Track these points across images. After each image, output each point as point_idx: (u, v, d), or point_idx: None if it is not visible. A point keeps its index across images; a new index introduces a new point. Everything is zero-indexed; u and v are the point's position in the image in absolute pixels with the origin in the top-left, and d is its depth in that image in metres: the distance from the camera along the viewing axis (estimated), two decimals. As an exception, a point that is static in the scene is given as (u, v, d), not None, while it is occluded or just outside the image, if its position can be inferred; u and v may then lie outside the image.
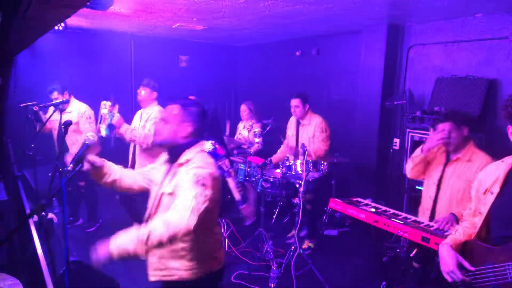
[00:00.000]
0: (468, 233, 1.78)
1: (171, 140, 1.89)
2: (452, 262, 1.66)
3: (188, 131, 1.88)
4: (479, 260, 1.64)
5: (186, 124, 1.89)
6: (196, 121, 1.90)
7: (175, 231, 1.61)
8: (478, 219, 1.74)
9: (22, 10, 1.51)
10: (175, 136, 1.88)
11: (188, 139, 1.89)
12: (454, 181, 2.73)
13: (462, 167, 2.72)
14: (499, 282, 1.53)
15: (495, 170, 1.72)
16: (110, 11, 4.13)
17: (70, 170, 1.91)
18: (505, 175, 1.65)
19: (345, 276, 3.76)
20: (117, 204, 5.35)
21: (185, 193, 1.70)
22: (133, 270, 3.79)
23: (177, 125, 1.88)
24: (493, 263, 1.57)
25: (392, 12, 4.06)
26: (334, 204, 3.03)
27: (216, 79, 7.45)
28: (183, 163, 1.84)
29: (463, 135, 2.72)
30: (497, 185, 1.66)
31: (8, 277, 1.76)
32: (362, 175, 5.13)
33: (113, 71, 6.22)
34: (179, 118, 1.89)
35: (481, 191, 1.74)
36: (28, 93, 5.52)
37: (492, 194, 1.67)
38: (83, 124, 4.39)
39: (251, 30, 5.56)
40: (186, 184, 1.74)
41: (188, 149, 1.88)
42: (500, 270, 1.53)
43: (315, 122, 4.23)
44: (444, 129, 2.72)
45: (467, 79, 4.03)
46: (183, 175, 1.78)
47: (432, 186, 2.88)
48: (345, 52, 5.54)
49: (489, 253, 1.61)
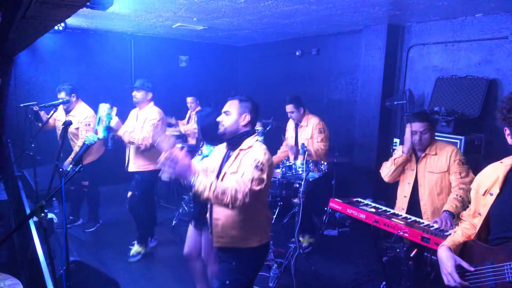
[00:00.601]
0: (467, 234, 1.78)
1: (234, 129, 2.25)
2: (450, 264, 1.66)
3: (247, 120, 2.25)
4: (478, 260, 1.64)
5: (245, 114, 2.25)
6: (252, 112, 2.27)
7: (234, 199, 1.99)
8: (478, 220, 1.73)
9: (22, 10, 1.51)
10: (237, 125, 2.25)
11: (247, 127, 2.26)
12: (428, 176, 2.91)
13: (431, 161, 2.90)
14: (498, 282, 1.53)
15: (494, 171, 1.71)
16: (110, 11, 4.13)
17: (70, 171, 1.91)
18: (504, 176, 1.65)
19: (345, 276, 3.76)
20: (117, 204, 5.37)
21: (246, 175, 2.06)
22: (133, 270, 3.80)
23: (237, 116, 2.24)
24: (492, 263, 1.57)
25: (392, 12, 4.06)
26: (334, 204, 3.03)
27: (216, 79, 7.46)
28: (244, 148, 2.20)
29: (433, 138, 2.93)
30: (496, 186, 1.65)
31: (8, 277, 1.76)
32: (362, 175, 5.13)
33: (113, 71, 6.23)
34: (238, 110, 2.25)
35: (481, 192, 1.73)
36: (28, 93, 5.54)
37: (491, 195, 1.66)
38: (81, 131, 4.40)
39: (251, 30, 5.57)
40: (248, 167, 2.09)
41: (248, 137, 2.25)
42: (498, 270, 1.53)
43: (312, 123, 4.24)
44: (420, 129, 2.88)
45: (467, 79, 4.03)
46: (246, 158, 2.14)
47: (406, 186, 3.03)
48: (345, 52, 5.54)
49: (488, 253, 1.61)
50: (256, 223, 2.27)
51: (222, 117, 2.30)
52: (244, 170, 2.09)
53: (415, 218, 2.73)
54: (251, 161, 2.10)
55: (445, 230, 2.40)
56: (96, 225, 4.81)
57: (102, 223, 4.89)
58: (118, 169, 4.35)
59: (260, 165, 2.08)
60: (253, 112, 2.27)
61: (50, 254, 1.68)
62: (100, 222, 4.87)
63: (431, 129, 2.92)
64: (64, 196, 1.86)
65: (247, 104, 2.27)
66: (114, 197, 5.59)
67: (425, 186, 2.92)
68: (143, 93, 3.88)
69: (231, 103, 2.29)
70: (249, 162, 2.11)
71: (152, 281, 3.61)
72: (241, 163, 2.15)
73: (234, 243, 2.24)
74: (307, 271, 3.71)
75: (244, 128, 2.26)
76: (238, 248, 2.25)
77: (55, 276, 1.69)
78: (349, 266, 3.96)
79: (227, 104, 2.30)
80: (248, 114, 2.25)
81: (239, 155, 2.20)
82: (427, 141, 2.90)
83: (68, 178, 1.90)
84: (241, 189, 2.00)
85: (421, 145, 2.91)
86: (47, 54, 5.68)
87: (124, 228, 4.50)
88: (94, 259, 3.18)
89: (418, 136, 2.88)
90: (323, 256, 4.15)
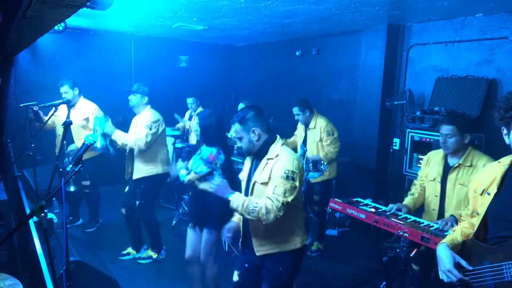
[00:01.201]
0: (466, 234, 1.78)
1: (251, 146, 2.29)
2: (449, 261, 1.65)
3: (258, 134, 2.26)
4: (477, 259, 1.64)
5: (252, 129, 2.26)
6: (257, 122, 2.27)
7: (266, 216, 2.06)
8: (476, 220, 1.73)
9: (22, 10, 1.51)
10: (253, 144, 2.28)
11: (262, 138, 2.28)
12: (458, 189, 2.68)
13: (465, 174, 2.66)
14: (497, 282, 1.53)
15: (492, 171, 1.72)
16: (110, 11, 4.12)
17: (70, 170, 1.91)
18: (502, 176, 1.65)
19: (345, 276, 3.76)
20: (117, 204, 5.37)
21: (278, 189, 2.11)
22: (133, 270, 3.80)
23: (248, 136, 2.28)
24: (490, 262, 1.57)
25: (392, 12, 4.06)
26: (334, 204, 3.03)
27: (216, 79, 7.45)
28: (272, 157, 2.23)
29: (464, 141, 2.68)
30: (494, 186, 1.66)
31: (8, 277, 1.76)
32: (362, 175, 5.13)
33: (113, 71, 6.22)
34: (244, 131, 2.28)
35: (478, 192, 1.73)
36: (28, 93, 5.54)
37: (489, 195, 1.66)
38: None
39: (251, 30, 5.56)
40: (278, 178, 2.13)
41: (272, 144, 2.27)
42: (497, 269, 1.53)
43: (320, 125, 4.21)
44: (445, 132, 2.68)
45: (467, 79, 4.03)
46: (276, 169, 2.17)
47: (434, 198, 2.84)
48: (345, 52, 5.54)
49: (487, 253, 1.61)
50: (295, 225, 2.31)
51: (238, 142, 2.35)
52: (276, 183, 2.12)
53: (415, 218, 2.73)
54: (281, 172, 2.13)
55: (445, 231, 2.39)
56: (96, 225, 4.81)
57: (102, 223, 4.90)
58: (118, 169, 4.35)
59: (291, 175, 2.13)
60: (259, 121, 2.28)
61: (50, 254, 1.68)
62: (100, 221, 4.87)
63: (459, 133, 2.65)
64: (64, 196, 1.86)
65: (247, 119, 2.27)
66: (114, 197, 5.58)
67: (452, 199, 2.71)
68: (138, 97, 3.87)
69: (235, 128, 2.32)
70: (279, 174, 2.13)
71: (152, 281, 3.61)
72: (272, 173, 2.17)
73: (278, 248, 2.26)
74: (307, 271, 3.71)
75: (260, 141, 2.27)
76: (281, 252, 2.27)
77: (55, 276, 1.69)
78: (349, 266, 3.96)
79: (233, 129, 2.34)
80: (253, 128, 2.26)
81: (267, 165, 2.23)
82: (453, 145, 2.67)
83: (68, 178, 1.90)
84: (273, 205, 2.06)
85: (447, 148, 2.71)
86: (47, 54, 5.68)
87: (124, 228, 4.50)
88: (94, 259, 3.19)
89: (443, 139, 2.70)
90: (323, 256, 4.16)
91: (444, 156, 2.85)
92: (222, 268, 3.71)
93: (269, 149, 2.26)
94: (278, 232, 2.25)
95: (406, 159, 4.31)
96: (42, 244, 1.91)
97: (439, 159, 2.87)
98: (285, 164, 2.15)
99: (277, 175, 2.14)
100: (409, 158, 4.27)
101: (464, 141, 2.67)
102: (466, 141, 2.68)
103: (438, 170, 2.83)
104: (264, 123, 2.30)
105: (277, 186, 2.11)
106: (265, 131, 2.29)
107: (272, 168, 2.18)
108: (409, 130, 4.24)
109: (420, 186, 3.01)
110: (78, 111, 4.49)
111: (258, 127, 2.26)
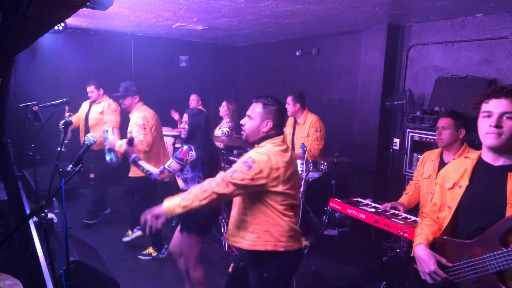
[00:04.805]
0: (433, 231, 1.77)
1: (254, 134, 2.15)
2: (432, 262, 1.63)
3: (268, 127, 2.12)
4: (453, 256, 1.63)
5: (267, 121, 2.12)
6: (276, 118, 2.13)
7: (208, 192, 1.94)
8: (447, 213, 1.72)
9: (22, 10, 1.51)
10: (258, 131, 2.14)
11: (269, 132, 2.13)
12: None
13: None
14: (480, 275, 1.53)
15: (461, 165, 1.74)
16: (110, 11, 4.13)
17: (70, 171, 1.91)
18: (472, 169, 1.68)
19: (345, 276, 3.76)
20: (116, 201, 5.38)
21: (232, 167, 1.99)
22: (133, 270, 3.80)
23: (259, 122, 2.12)
24: (469, 257, 1.57)
25: (392, 12, 4.06)
26: (334, 204, 3.04)
27: (216, 79, 7.45)
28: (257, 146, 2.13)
29: (458, 136, 2.77)
30: (465, 178, 1.67)
31: (8, 277, 1.76)
32: (362, 175, 5.13)
33: (113, 71, 6.22)
34: (261, 116, 2.12)
35: (447, 187, 1.74)
36: (28, 93, 5.54)
37: (460, 187, 1.68)
38: (108, 115, 4.70)
39: (251, 30, 5.56)
40: (238, 162, 2.00)
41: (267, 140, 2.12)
42: (479, 263, 1.53)
43: (310, 121, 4.29)
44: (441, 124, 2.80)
45: (467, 79, 4.03)
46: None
47: (429, 195, 2.87)
48: (345, 52, 5.54)
49: (463, 248, 1.61)
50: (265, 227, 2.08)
51: (245, 120, 2.19)
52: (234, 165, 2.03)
53: (415, 218, 2.73)
54: (244, 157, 2.02)
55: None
56: (93, 221, 4.83)
57: (101, 221, 4.90)
58: (118, 169, 4.36)
59: (250, 161, 1.96)
60: (278, 117, 2.15)
61: (50, 254, 1.68)
62: (97, 219, 4.89)
63: (454, 126, 2.75)
64: (64, 196, 1.86)
65: (272, 108, 2.13)
66: (114, 197, 5.58)
67: None
68: (129, 99, 3.92)
69: (254, 106, 2.17)
70: (242, 158, 2.02)
71: (152, 281, 3.61)
72: None
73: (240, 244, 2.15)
74: (307, 271, 3.71)
75: (264, 134, 2.14)
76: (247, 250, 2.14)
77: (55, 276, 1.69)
78: (349, 266, 3.95)
79: (251, 107, 2.18)
80: (271, 120, 2.12)
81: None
82: (447, 137, 2.76)
83: (68, 178, 1.90)
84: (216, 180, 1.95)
85: (441, 140, 2.80)
86: (47, 54, 5.68)
87: (124, 228, 4.50)
88: (94, 259, 3.19)
89: (438, 131, 2.81)
90: (323, 256, 4.15)
91: (440, 154, 2.91)
92: (220, 269, 3.72)
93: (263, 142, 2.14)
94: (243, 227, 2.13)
95: (406, 159, 4.32)
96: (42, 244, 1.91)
97: (434, 157, 2.94)
98: (252, 153, 2.03)
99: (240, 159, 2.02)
100: (409, 158, 4.28)
101: (459, 135, 2.77)
102: (460, 136, 2.77)
103: (434, 167, 2.89)
104: (282, 123, 2.19)
105: (234, 165, 2.01)
106: (275, 129, 2.15)
107: None
108: (409, 130, 4.24)
109: (415, 186, 3.06)
110: (98, 106, 4.80)
111: (274, 123, 2.13)
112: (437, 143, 2.88)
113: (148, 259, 4.03)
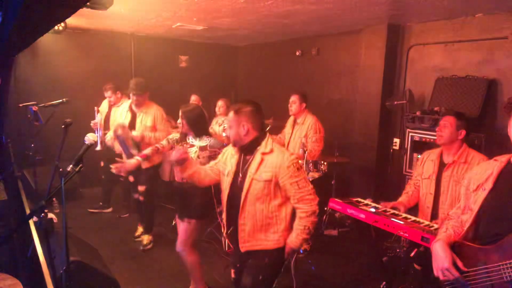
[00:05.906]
0: (457, 232, 1.75)
1: (237, 140, 2.26)
2: (448, 260, 1.61)
3: (246, 130, 2.21)
4: (470, 261, 1.60)
5: (243, 124, 2.21)
6: (250, 119, 2.22)
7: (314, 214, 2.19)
8: (468, 216, 1.70)
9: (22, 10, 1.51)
10: (239, 137, 2.25)
11: (252, 135, 2.23)
12: (453, 187, 2.73)
13: (460, 170, 2.73)
14: (495, 282, 1.50)
15: (488, 167, 1.70)
16: (110, 11, 4.12)
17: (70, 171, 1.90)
18: (498, 172, 1.63)
19: (345, 276, 3.76)
20: (117, 204, 5.37)
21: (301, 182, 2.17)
22: (133, 270, 3.79)
23: (237, 127, 2.23)
24: (485, 263, 1.53)
25: (392, 12, 4.06)
26: (334, 204, 3.03)
27: (216, 79, 7.45)
28: (267, 152, 2.21)
29: (458, 136, 2.79)
30: (490, 181, 1.64)
31: (8, 277, 1.76)
32: (362, 175, 5.13)
33: (113, 71, 6.22)
34: (236, 122, 2.23)
35: (471, 189, 1.71)
36: (28, 93, 5.53)
37: (484, 190, 1.64)
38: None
39: (251, 30, 5.56)
40: (290, 174, 2.15)
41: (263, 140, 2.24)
42: (494, 270, 1.50)
43: (309, 122, 4.25)
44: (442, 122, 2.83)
45: (467, 79, 4.03)
46: (281, 165, 2.16)
47: (429, 195, 2.89)
48: (345, 52, 5.54)
49: (480, 253, 1.57)
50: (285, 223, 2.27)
51: (227, 130, 2.34)
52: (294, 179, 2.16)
53: (415, 218, 2.73)
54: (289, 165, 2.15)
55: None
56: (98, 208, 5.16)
57: (102, 221, 4.90)
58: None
59: (297, 164, 2.18)
60: (254, 118, 2.23)
61: (50, 254, 1.68)
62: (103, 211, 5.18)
63: (455, 126, 2.77)
64: (64, 196, 1.85)
65: (243, 111, 2.22)
66: (114, 197, 5.58)
67: (446, 195, 2.77)
68: (146, 95, 4.02)
69: (230, 115, 2.28)
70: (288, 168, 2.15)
71: (152, 281, 3.61)
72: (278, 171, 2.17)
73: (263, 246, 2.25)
74: (307, 271, 3.71)
75: (248, 137, 2.23)
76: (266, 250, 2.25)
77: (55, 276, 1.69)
78: (349, 266, 3.95)
79: (229, 116, 2.29)
80: (245, 123, 2.21)
81: (264, 160, 2.20)
82: (447, 135, 2.78)
83: (68, 178, 1.90)
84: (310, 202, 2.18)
85: (441, 136, 2.82)
86: (47, 54, 5.68)
87: (125, 228, 4.50)
88: (94, 259, 3.18)
89: (439, 128, 2.84)
90: (323, 256, 4.15)
91: (439, 154, 2.92)
92: (221, 267, 3.72)
93: (261, 144, 2.23)
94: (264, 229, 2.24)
95: (406, 159, 4.32)
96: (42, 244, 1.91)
97: (434, 157, 2.94)
98: (290, 157, 2.19)
99: (286, 169, 2.15)
100: (409, 158, 4.28)
101: (458, 136, 2.79)
102: (460, 137, 2.79)
103: (433, 167, 2.90)
104: (257, 121, 2.25)
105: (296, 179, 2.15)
106: (257, 129, 2.24)
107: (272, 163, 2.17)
108: (409, 130, 4.24)
109: (415, 185, 3.06)
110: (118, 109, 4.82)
111: (250, 123, 2.21)
112: (436, 139, 2.90)
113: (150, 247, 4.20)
